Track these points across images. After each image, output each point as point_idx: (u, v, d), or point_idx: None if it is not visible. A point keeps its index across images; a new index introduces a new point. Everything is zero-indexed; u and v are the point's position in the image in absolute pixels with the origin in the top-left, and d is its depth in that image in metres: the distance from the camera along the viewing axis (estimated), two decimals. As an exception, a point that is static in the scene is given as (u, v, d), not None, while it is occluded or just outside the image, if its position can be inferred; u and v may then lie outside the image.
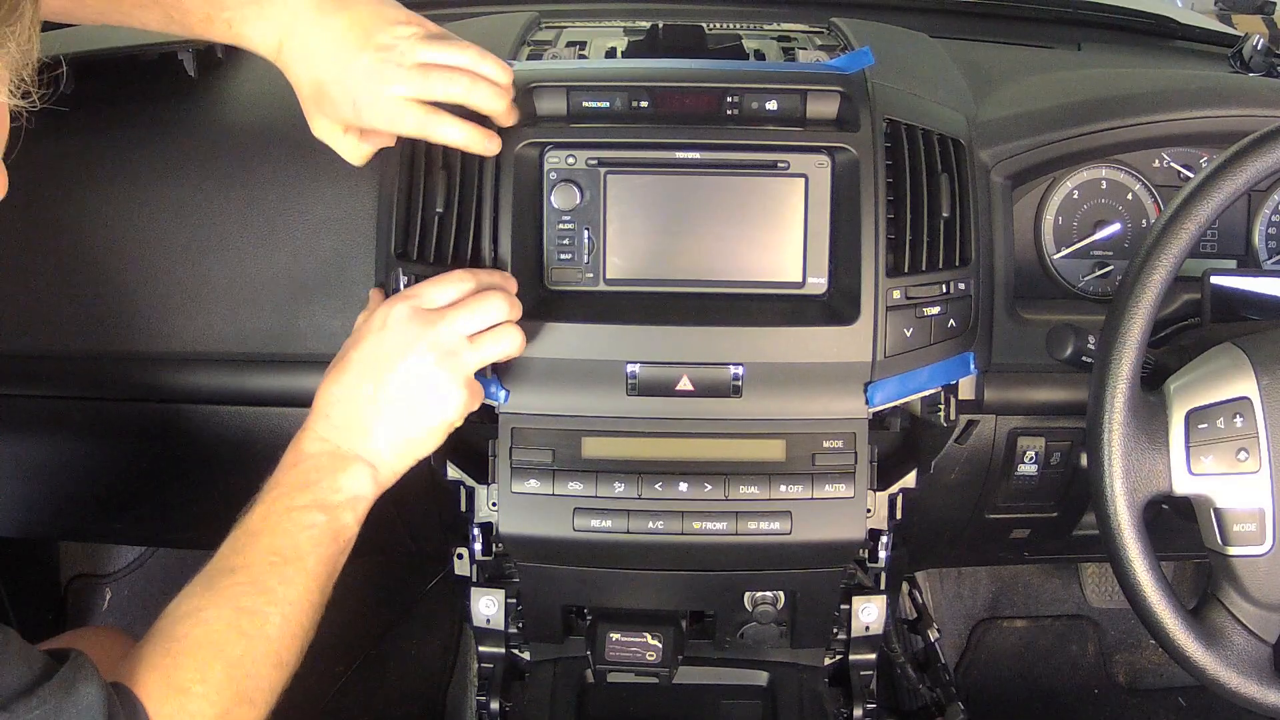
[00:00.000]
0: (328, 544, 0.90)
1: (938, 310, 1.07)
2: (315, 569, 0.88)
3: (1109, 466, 0.93)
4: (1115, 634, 1.97)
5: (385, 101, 0.94)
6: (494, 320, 0.96)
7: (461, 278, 0.97)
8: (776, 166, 1.06)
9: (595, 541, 1.09)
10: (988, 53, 1.37)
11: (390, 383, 0.92)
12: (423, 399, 0.93)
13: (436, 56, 0.95)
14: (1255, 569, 0.94)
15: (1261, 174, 0.92)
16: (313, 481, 0.90)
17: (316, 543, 0.89)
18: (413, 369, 0.92)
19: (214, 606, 0.84)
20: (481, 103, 0.97)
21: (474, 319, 0.95)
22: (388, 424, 0.93)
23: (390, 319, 0.94)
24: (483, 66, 0.97)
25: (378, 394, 0.92)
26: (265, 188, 1.13)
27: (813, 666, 1.33)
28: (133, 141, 1.16)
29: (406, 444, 0.94)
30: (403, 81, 0.93)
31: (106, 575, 1.95)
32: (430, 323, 0.93)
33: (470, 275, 0.98)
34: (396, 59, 0.93)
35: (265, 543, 0.87)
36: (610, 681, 1.30)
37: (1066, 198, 1.22)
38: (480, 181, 1.04)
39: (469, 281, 0.97)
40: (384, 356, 0.92)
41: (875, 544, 1.18)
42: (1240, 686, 0.95)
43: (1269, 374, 0.94)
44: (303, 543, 0.88)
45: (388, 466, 0.94)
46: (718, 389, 1.06)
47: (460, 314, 0.94)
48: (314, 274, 1.12)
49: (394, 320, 0.93)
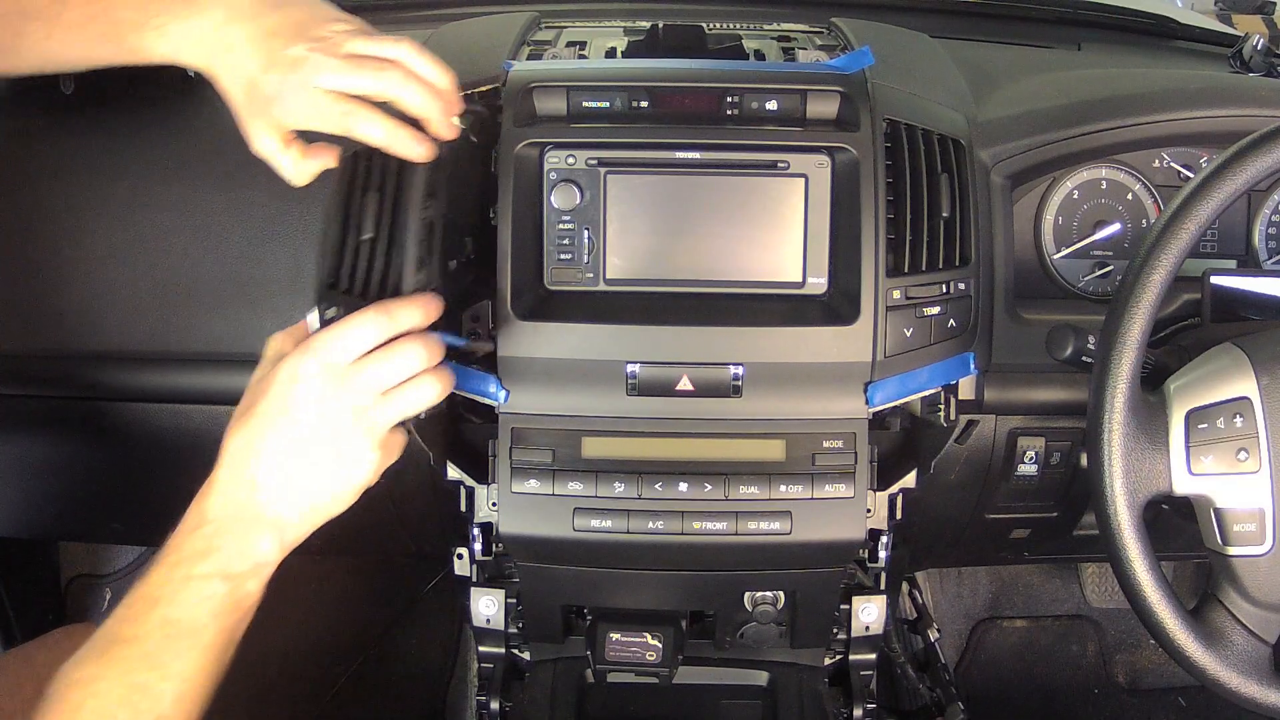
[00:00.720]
0: (228, 614, 0.85)
1: (938, 310, 1.07)
2: (213, 641, 0.84)
3: (1109, 466, 0.93)
4: (1115, 634, 1.97)
5: (310, 92, 0.86)
6: (411, 371, 0.88)
7: (374, 321, 0.86)
8: (776, 166, 1.06)
9: (595, 541, 1.09)
10: (988, 53, 1.37)
11: (300, 444, 0.86)
12: (335, 462, 0.87)
13: (370, 49, 0.88)
14: (1255, 569, 0.94)
15: (1261, 174, 0.92)
16: (216, 548, 0.85)
17: (216, 613, 0.84)
18: (324, 431, 0.86)
19: (105, 679, 0.81)
20: (412, 103, 0.89)
21: (389, 372, 0.87)
22: (297, 487, 0.87)
23: (300, 374, 0.86)
24: (419, 64, 0.89)
25: (287, 456, 0.86)
26: (264, 188, 1.13)
27: (813, 666, 1.33)
28: (132, 142, 1.16)
29: (314, 509, 0.88)
30: (331, 71, 0.86)
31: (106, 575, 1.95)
32: (341, 381, 0.86)
33: (384, 314, 0.87)
34: (327, 49, 0.87)
35: (161, 613, 0.83)
36: (610, 681, 1.30)
37: (1066, 198, 1.22)
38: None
39: (383, 324, 0.87)
40: (293, 417, 0.86)
41: (875, 544, 1.18)
42: (1240, 686, 0.95)
43: (1269, 374, 0.94)
44: (201, 615, 0.83)
45: (294, 529, 0.88)
46: (718, 389, 1.06)
47: (372, 368, 0.86)
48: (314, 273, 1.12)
49: (303, 376, 0.85)
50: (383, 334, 0.87)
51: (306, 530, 0.89)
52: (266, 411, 0.86)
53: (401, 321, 0.87)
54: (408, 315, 0.88)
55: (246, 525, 0.86)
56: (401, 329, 0.88)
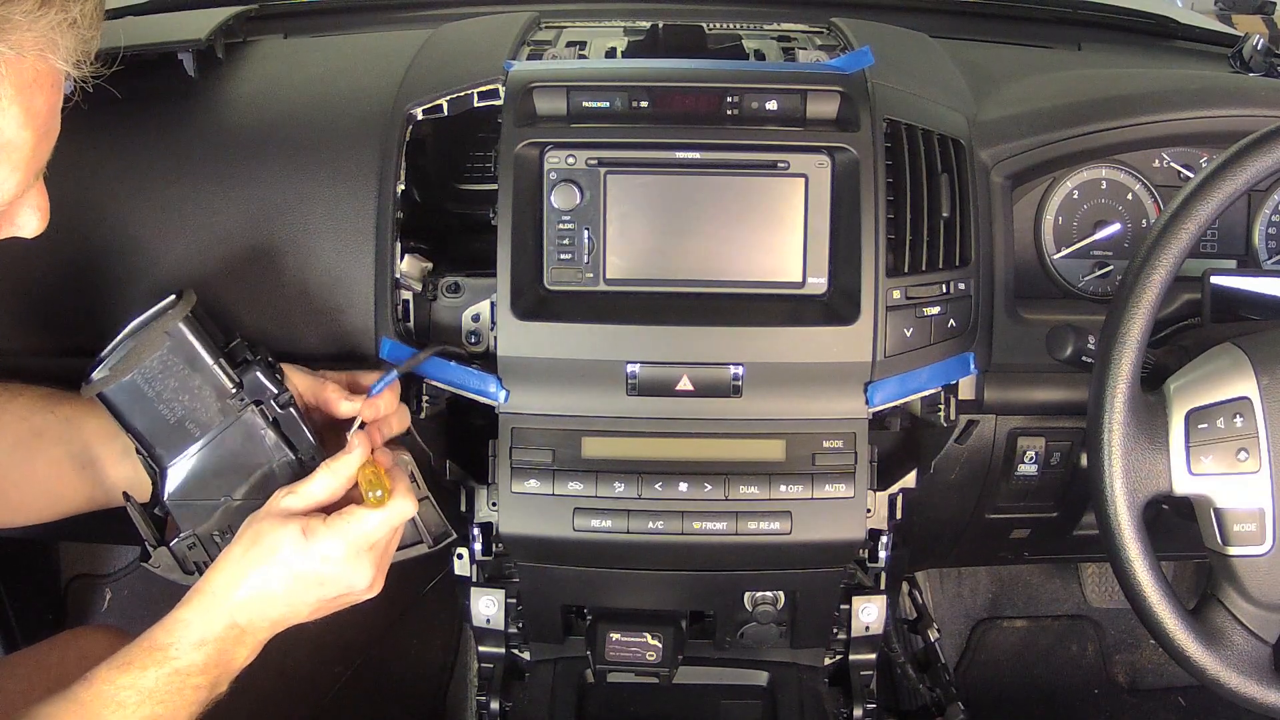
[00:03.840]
0: (206, 704, 0.91)
1: (938, 310, 1.07)
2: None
3: (1109, 466, 0.93)
4: (1115, 634, 1.97)
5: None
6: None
7: (402, 512, 0.94)
8: (776, 166, 1.06)
9: (595, 541, 1.09)
10: (988, 53, 1.37)
11: (316, 597, 0.93)
12: (335, 601, 0.95)
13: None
14: (1255, 569, 0.94)
15: (1261, 174, 0.92)
16: (215, 664, 0.90)
17: (194, 706, 0.90)
18: (342, 589, 0.94)
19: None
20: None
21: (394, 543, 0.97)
22: (296, 614, 0.94)
23: (334, 554, 0.91)
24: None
25: (297, 600, 0.92)
26: (265, 187, 1.13)
27: (813, 666, 1.33)
28: (133, 142, 1.16)
29: (297, 620, 0.95)
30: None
31: (106, 575, 1.95)
32: (375, 558, 0.94)
33: (409, 499, 0.95)
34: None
35: (149, 710, 0.87)
36: (610, 681, 1.30)
37: (1066, 198, 1.22)
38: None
39: (408, 509, 0.95)
40: (308, 582, 0.92)
41: (875, 544, 1.18)
42: (1240, 686, 0.95)
43: (1269, 374, 0.94)
44: (185, 717, 0.89)
45: (273, 634, 0.95)
46: (718, 389, 1.06)
47: (386, 544, 0.96)
48: (314, 274, 1.12)
49: (336, 559, 0.91)
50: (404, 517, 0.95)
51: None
52: (286, 571, 0.91)
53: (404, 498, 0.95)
54: (404, 494, 0.95)
55: (245, 640, 0.91)
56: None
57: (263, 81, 1.24)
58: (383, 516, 0.92)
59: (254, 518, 0.92)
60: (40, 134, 0.72)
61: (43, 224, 0.80)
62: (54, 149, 0.77)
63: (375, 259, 1.10)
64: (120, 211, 1.14)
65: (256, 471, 0.95)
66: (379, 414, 0.98)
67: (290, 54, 1.31)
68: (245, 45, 1.30)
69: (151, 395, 0.92)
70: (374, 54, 1.25)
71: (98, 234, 1.14)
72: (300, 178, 1.13)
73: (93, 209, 1.14)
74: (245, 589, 0.90)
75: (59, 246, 1.14)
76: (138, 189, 1.14)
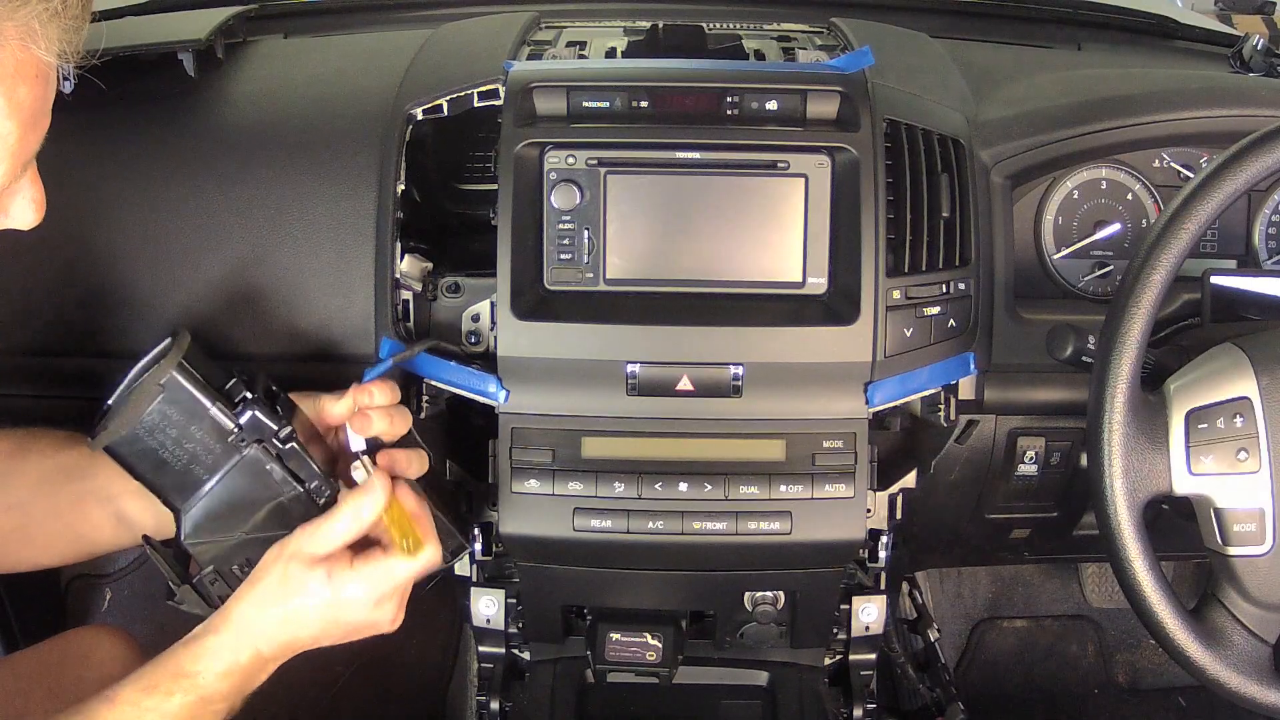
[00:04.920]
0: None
1: (938, 310, 1.07)
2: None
3: (1109, 466, 0.93)
4: (1115, 634, 1.97)
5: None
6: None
7: (431, 561, 0.95)
8: (776, 166, 1.06)
9: (595, 541, 1.09)
10: (988, 53, 1.37)
11: (342, 633, 0.94)
12: (357, 634, 0.96)
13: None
14: (1255, 569, 0.94)
15: (1261, 174, 0.92)
16: (238, 690, 0.91)
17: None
18: (366, 628, 0.95)
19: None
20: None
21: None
22: (318, 645, 0.95)
23: (361, 598, 0.92)
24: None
25: (323, 635, 0.94)
26: (265, 187, 1.13)
27: (813, 666, 1.33)
28: (132, 142, 1.16)
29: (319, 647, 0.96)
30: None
31: (106, 575, 1.95)
32: (400, 600, 0.95)
33: (438, 548, 0.96)
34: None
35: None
36: (610, 681, 1.30)
37: (1066, 198, 1.22)
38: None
39: (436, 558, 0.96)
40: (335, 620, 0.93)
41: (875, 544, 1.18)
42: (1240, 686, 0.95)
43: (1269, 374, 0.94)
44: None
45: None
46: (718, 389, 1.06)
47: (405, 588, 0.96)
48: (314, 273, 1.12)
49: (362, 602, 0.93)
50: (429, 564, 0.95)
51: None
52: (312, 612, 0.92)
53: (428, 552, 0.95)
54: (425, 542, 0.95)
55: (268, 667, 0.93)
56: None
57: (263, 81, 1.24)
58: (413, 567, 0.93)
59: (280, 556, 0.92)
60: (26, 125, 0.71)
61: (38, 216, 0.79)
62: (55, 149, 0.77)
63: (375, 259, 1.10)
64: (120, 211, 1.14)
65: (268, 505, 0.95)
66: (372, 402, 0.97)
67: (290, 54, 1.31)
68: (245, 45, 1.30)
69: (154, 445, 0.92)
70: (374, 54, 1.25)
71: (98, 234, 1.14)
72: (300, 178, 1.13)
73: (92, 209, 1.14)
74: (273, 624, 0.91)
75: (59, 246, 1.14)
76: (137, 189, 1.14)
